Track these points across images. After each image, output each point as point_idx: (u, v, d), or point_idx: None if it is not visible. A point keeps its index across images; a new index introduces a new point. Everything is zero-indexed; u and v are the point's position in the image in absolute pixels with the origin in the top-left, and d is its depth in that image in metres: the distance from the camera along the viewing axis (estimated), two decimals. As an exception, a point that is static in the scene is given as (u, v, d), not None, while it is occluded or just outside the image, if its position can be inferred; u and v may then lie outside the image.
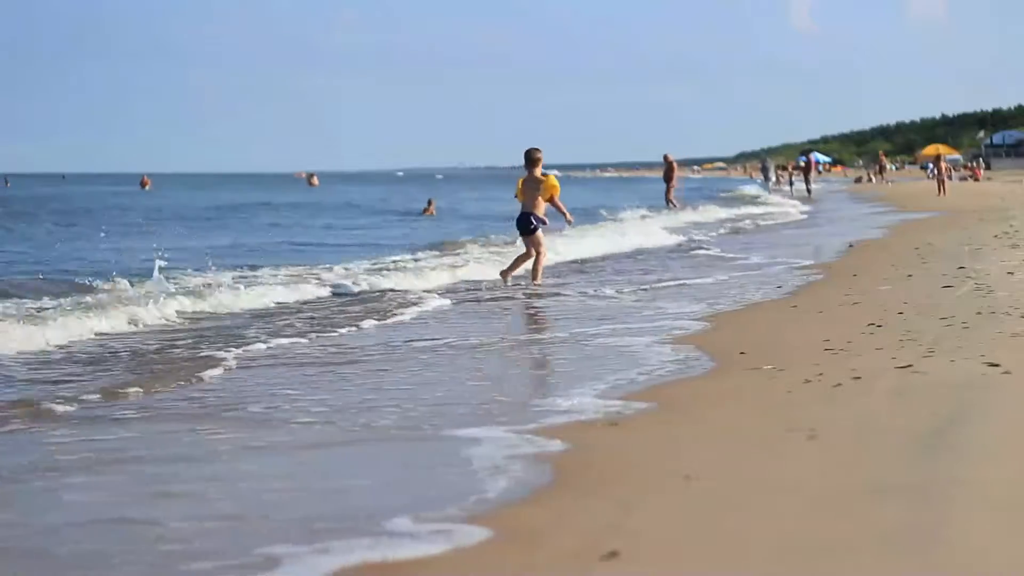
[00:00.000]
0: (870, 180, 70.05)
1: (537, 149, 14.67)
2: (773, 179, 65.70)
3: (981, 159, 79.50)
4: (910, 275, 12.52)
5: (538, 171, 14.66)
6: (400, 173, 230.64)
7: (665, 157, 38.87)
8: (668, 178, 38.66)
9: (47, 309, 11.01)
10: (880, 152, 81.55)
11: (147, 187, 76.06)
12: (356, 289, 13.47)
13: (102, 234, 22.91)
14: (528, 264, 14.47)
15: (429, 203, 38.50)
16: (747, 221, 31.06)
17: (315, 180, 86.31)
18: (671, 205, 37.25)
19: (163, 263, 13.54)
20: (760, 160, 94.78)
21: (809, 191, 51.87)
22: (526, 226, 14.47)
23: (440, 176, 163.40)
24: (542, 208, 14.57)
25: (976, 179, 62.85)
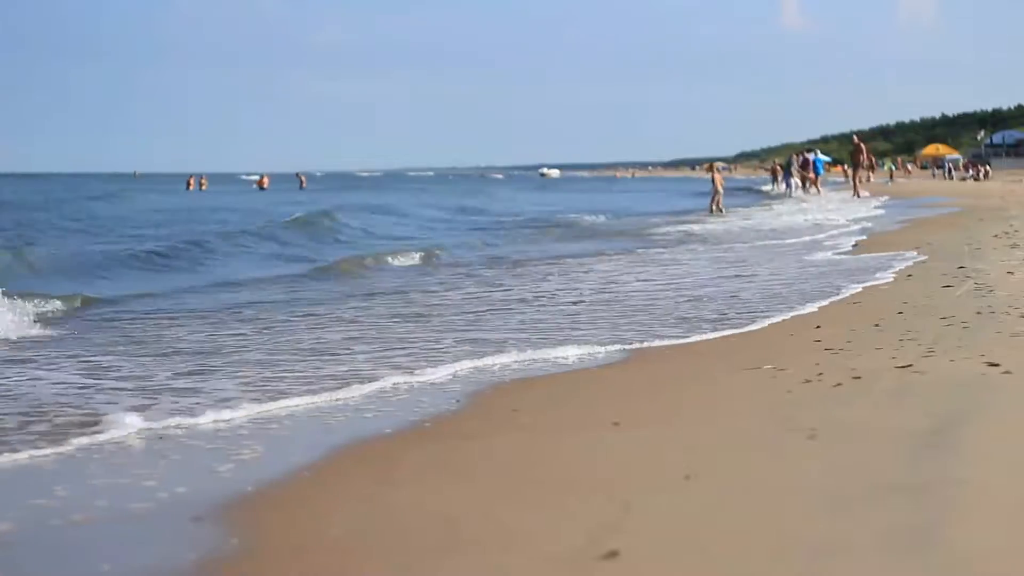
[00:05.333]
0: (869, 180, 70.06)
1: None
2: (796, 182, 51.25)
3: (981, 158, 79.42)
4: (910, 275, 12.53)
5: None
6: (431, 173, 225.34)
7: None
8: None
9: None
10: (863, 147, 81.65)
11: (202, 187, 75.47)
12: None
13: None
14: None
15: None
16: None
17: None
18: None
19: None
20: (769, 160, 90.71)
21: (789, 189, 48.97)
22: None
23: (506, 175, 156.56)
24: None
25: (976, 179, 62.85)
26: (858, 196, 40.88)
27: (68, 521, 4.39)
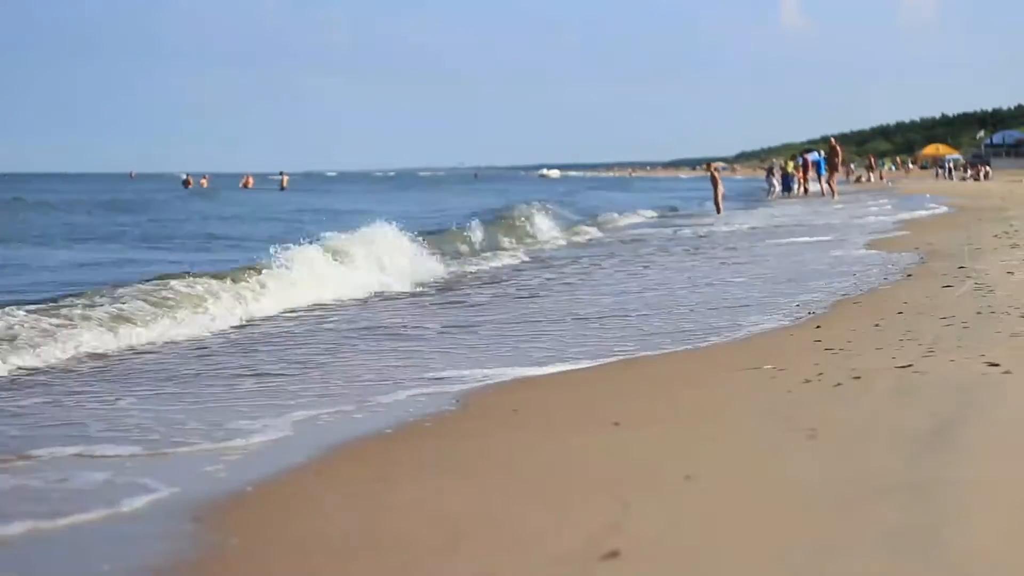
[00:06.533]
0: (868, 180, 70.20)
1: None
2: (777, 186, 51.50)
3: (981, 158, 79.41)
4: (910, 275, 12.53)
5: None
6: (442, 173, 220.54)
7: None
8: None
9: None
10: (869, 155, 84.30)
11: (203, 186, 74.91)
12: None
13: None
14: None
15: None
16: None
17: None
18: None
19: None
20: (768, 160, 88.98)
21: (789, 189, 48.99)
22: None
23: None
24: None
25: (976, 179, 62.88)
26: (833, 196, 40.81)
27: (69, 521, 4.39)
